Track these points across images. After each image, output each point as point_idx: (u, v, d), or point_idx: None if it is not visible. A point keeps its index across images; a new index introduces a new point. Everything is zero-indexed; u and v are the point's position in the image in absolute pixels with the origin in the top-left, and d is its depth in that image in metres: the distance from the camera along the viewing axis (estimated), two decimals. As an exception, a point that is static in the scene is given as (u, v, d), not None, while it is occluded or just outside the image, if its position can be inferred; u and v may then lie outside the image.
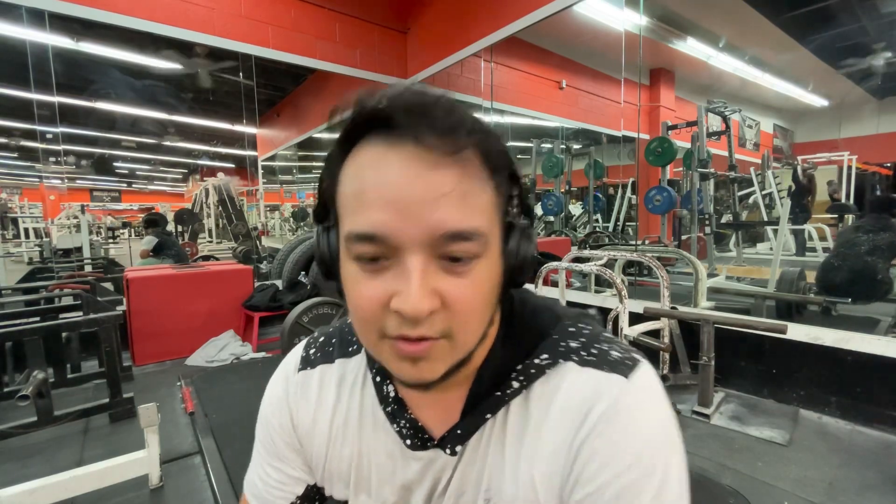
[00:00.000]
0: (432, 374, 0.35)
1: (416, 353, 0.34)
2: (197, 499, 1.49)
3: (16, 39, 2.88)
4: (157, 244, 4.03)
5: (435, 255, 0.33)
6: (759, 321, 1.98)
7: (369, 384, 0.48)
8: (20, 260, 7.10)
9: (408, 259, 0.33)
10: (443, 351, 0.35)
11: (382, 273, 0.34)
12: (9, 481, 1.60)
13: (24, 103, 3.65)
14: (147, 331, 2.86)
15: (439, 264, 0.33)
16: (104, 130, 8.07)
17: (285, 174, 9.36)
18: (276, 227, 10.51)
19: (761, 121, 6.23)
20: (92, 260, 4.77)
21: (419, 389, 0.38)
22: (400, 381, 0.40)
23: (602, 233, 5.61)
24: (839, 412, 1.95)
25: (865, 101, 5.42)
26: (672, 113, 6.03)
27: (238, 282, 3.23)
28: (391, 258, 0.33)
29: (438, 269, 0.33)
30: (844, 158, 5.30)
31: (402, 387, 0.44)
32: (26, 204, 8.53)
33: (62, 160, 3.73)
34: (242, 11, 3.57)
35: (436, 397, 0.42)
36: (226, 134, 8.43)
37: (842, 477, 1.53)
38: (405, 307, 0.32)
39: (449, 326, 0.34)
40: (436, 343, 0.34)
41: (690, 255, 2.87)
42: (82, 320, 2.07)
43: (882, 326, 2.43)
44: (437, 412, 0.43)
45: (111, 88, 5.70)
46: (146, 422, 1.18)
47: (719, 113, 4.39)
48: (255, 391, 2.47)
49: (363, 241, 0.33)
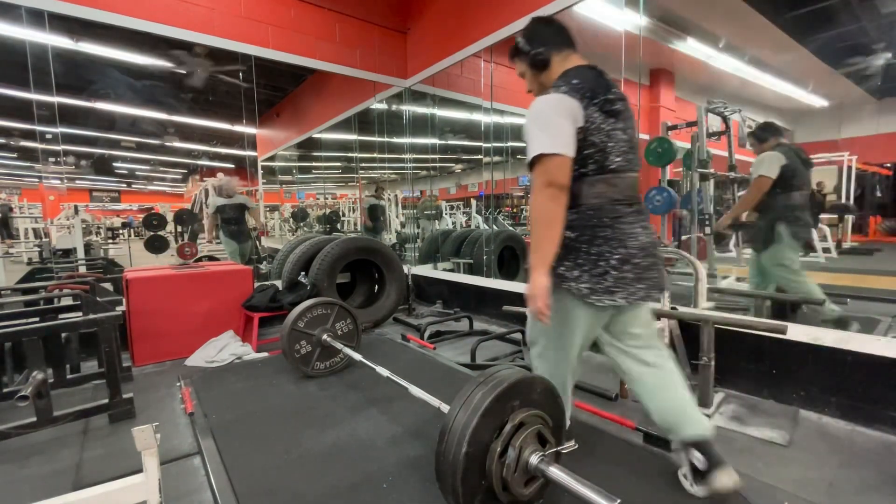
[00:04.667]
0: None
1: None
2: (196, 499, 1.49)
3: (15, 39, 2.87)
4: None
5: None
6: (759, 321, 1.98)
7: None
8: (19, 260, 7.10)
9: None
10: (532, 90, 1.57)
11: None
12: (8, 482, 1.60)
13: (23, 103, 3.65)
14: (147, 331, 2.85)
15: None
16: (104, 131, 8.07)
17: (285, 174, 9.36)
18: (275, 227, 10.51)
19: (761, 121, 6.22)
20: (87, 261, 4.77)
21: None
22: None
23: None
24: (839, 412, 1.94)
25: (865, 102, 5.42)
26: (672, 113, 6.03)
27: (238, 282, 3.22)
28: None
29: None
30: (844, 159, 5.30)
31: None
32: (26, 204, 8.53)
33: (62, 160, 3.73)
34: (242, 11, 3.57)
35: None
36: (225, 134, 8.43)
37: (842, 477, 1.53)
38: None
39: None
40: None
41: (690, 255, 2.86)
42: (82, 321, 2.06)
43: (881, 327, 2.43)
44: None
45: (111, 88, 5.69)
46: (142, 445, 1.12)
47: (719, 113, 4.39)
48: (255, 391, 2.50)
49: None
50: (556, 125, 1.26)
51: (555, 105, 1.29)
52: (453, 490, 1.12)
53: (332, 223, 8.98)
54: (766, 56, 5.60)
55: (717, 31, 5.25)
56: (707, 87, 6.27)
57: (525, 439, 1.18)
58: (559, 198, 1.26)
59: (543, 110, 1.29)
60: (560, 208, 1.27)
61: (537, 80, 1.50)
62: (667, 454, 1.67)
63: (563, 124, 1.26)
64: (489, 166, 4.63)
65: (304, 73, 5.86)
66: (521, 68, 1.53)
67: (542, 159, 1.25)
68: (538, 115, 1.29)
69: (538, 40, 1.46)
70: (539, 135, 1.26)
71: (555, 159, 1.24)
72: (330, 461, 1.67)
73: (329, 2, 4.05)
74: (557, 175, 1.25)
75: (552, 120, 1.27)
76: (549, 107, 1.29)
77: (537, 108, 1.30)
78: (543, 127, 1.27)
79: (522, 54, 1.50)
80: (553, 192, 1.25)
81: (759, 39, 5.31)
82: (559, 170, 1.25)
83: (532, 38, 1.48)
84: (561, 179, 1.25)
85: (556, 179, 1.25)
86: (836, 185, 5.48)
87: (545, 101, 1.31)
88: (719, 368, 2.15)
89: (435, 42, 4.26)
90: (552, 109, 1.28)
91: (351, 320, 2.69)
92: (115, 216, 13.98)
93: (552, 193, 1.25)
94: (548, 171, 1.25)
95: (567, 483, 1.10)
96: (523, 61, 1.51)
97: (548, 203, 1.25)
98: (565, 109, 1.27)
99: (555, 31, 1.49)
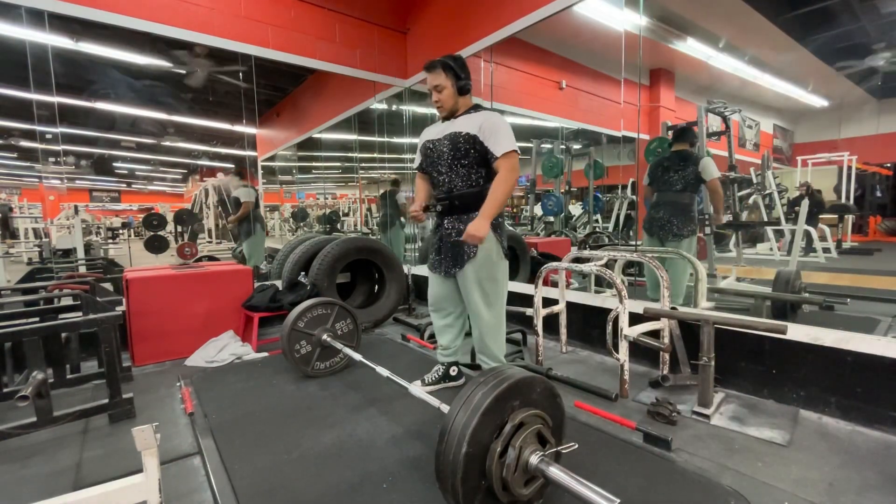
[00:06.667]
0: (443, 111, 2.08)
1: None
2: (196, 499, 1.49)
3: (15, 39, 2.87)
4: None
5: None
6: (759, 321, 1.98)
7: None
8: (19, 260, 7.09)
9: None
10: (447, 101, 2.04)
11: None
12: (8, 482, 1.60)
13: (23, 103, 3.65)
14: (147, 331, 2.85)
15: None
16: (103, 130, 8.06)
17: (285, 174, 9.35)
18: (275, 227, 10.51)
19: (761, 121, 6.23)
20: (87, 261, 4.77)
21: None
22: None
23: (602, 233, 5.60)
24: (839, 412, 1.94)
25: (865, 102, 5.42)
26: (672, 113, 6.03)
27: (238, 282, 3.22)
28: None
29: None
30: (844, 159, 5.30)
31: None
32: (26, 204, 8.53)
33: (62, 160, 3.72)
34: (242, 11, 3.57)
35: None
36: (225, 134, 8.42)
37: (842, 477, 1.53)
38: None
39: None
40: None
41: (690, 255, 2.87)
42: (82, 321, 2.06)
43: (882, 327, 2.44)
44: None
45: (111, 88, 5.69)
46: (142, 444, 1.12)
47: (719, 113, 4.39)
48: (255, 391, 2.49)
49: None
50: (514, 137, 1.95)
51: (507, 122, 1.98)
52: (453, 490, 1.12)
53: (332, 223, 8.98)
54: (766, 56, 5.60)
55: (717, 31, 5.25)
56: (707, 87, 6.26)
57: (525, 439, 1.18)
58: (516, 183, 1.97)
59: (505, 122, 1.97)
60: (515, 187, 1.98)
61: (455, 98, 2.04)
62: (667, 454, 1.67)
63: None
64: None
65: (304, 73, 5.86)
66: (446, 83, 2.00)
67: (514, 154, 1.92)
68: (505, 124, 1.95)
69: (468, 75, 2.04)
70: (510, 136, 1.94)
71: (518, 157, 1.93)
72: (330, 461, 1.67)
73: (329, 2, 4.05)
74: (518, 168, 1.94)
75: (510, 130, 1.95)
76: (506, 122, 1.97)
77: (502, 119, 1.97)
78: (509, 133, 1.94)
79: (457, 76, 2.01)
80: (517, 177, 1.93)
81: (759, 39, 5.30)
82: (518, 165, 1.95)
83: (463, 68, 2.02)
84: (519, 172, 1.97)
85: (519, 171, 1.95)
86: (835, 185, 5.48)
87: (502, 118, 1.98)
88: (719, 368, 2.15)
89: (435, 42, 4.26)
90: (508, 125, 1.97)
91: (351, 320, 2.69)
92: (115, 216, 13.98)
93: (517, 177, 1.93)
94: (517, 165, 1.93)
95: (567, 483, 1.10)
96: (452, 81, 2.01)
97: (514, 184, 1.93)
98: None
99: (468, 70, 2.06)
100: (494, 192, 1.89)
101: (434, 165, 2.11)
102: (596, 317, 2.92)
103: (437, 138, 2.09)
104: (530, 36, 3.74)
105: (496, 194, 1.89)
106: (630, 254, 2.64)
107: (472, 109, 2.05)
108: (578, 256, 2.81)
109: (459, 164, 2.00)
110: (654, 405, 1.98)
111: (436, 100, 2.03)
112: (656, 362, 2.50)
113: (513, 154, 1.90)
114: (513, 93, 5.16)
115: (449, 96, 2.02)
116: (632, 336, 2.19)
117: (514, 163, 1.90)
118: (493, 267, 2.03)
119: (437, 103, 2.05)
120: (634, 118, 3.10)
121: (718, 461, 1.64)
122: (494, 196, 1.89)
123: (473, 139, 1.95)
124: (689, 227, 3.27)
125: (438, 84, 1.99)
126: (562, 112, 5.96)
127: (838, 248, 5.30)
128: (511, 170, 1.90)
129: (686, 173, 3.23)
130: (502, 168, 1.91)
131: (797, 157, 5.76)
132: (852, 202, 5.57)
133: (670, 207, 3.30)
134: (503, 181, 1.89)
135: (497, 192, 1.89)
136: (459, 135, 1.98)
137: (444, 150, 2.03)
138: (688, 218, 3.28)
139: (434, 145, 2.10)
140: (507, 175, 1.89)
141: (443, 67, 1.98)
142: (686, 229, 3.26)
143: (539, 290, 2.69)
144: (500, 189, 1.89)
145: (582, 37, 4.70)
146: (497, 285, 2.07)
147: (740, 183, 4.59)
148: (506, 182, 1.89)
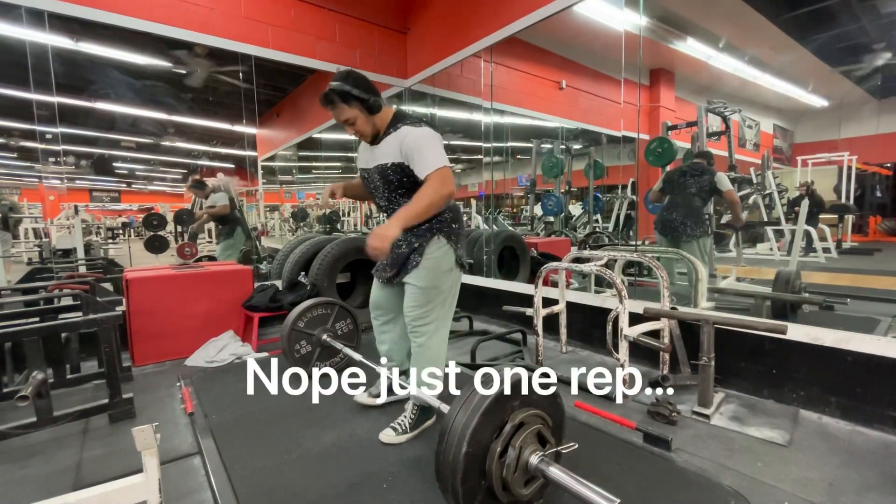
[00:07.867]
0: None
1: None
2: (196, 499, 1.49)
3: (15, 39, 2.87)
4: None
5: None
6: (759, 321, 1.98)
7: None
8: (19, 260, 7.09)
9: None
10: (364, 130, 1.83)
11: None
12: (8, 482, 1.60)
13: (23, 103, 3.65)
14: (147, 331, 2.85)
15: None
16: (103, 130, 8.05)
17: (285, 174, 9.35)
18: (275, 227, 10.50)
19: (761, 121, 6.23)
20: (87, 261, 4.76)
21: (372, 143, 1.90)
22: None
23: (602, 233, 5.60)
24: (839, 412, 1.95)
25: (865, 102, 5.42)
26: (672, 113, 6.03)
27: (238, 282, 3.22)
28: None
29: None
30: (844, 159, 5.30)
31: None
32: (26, 204, 8.53)
33: (62, 160, 3.72)
34: (242, 11, 3.57)
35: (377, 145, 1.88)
36: (225, 134, 8.42)
37: (842, 477, 1.53)
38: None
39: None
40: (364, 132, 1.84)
41: (704, 254, 2.87)
42: (82, 321, 2.06)
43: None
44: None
45: (111, 88, 5.68)
46: (142, 444, 1.12)
47: (719, 113, 4.39)
48: (255, 391, 2.48)
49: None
50: (443, 149, 1.74)
51: (438, 136, 1.77)
52: (453, 490, 1.12)
53: (332, 223, 8.97)
54: (766, 56, 5.60)
55: (717, 31, 5.25)
56: (707, 87, 6.26)
57: (525, 439, 1.18)
58: (449, 197, 1.71)
59: (434, 136, 1.76)
60: (444, 203, 1.74)
61: (370, 122, 1.81)
62: (667, 454, 1.67)
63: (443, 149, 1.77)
64: (489, 166, 4.63)
65: (304, 74, 5.86)
66: (353, 114, 1.76)
67: (445, 169, 1.70)
68: (435, 138, 1.75)
69: (371, 89, 1.78)
70: (435, 150, 1.71)
71: (449, 171, 1.72)
72: (330, 461, 1.67)
73: (329, 2, 4.05)
74: (451, 181, 1.71)
75: (441, 145, 1.74)
76: (435, 136, 1.76)
77: (430, 134, 1.75)
78: (432, 146, 1.71)
79: (359, 100, 1.75)
80: (449, 192, 1.70)
81: (759, 39, 5.30)
82: (450, 178, 1.71)
83: (364, 86, 1.76)
84: (452, 185, 1.72)
85: (451, 184, 1.71)
86: (835, 185, 5.48)
87: (431, 132, 1.76)
88: (719, 368, 2.15)
89: (435, 42, 4.26)
90: (438, 138, 1.76)
91: (351, 320, 2.69)
92: (116, 216, 13.98)
93: (450, 192, 1.70)
94: (447, 178, 1.70)
95: (567, 483, 1.10)
96: (359, 107, 1.76)
97: (444, 196, 1.68)
98: (440, 139, 1.78)
99: (370, 81, 1.81)
100: (415, 201, 1.66)
101: (374, 194, 1.95)
102: (596, 317, 2.92)
103: (369, 168, 1.91)
104: (530, 36, 3.74)
105: (416, 204, 1.65)
106: (630, 254, 2.64)
107: (391, 127, 1.80)
108: (578, 256, 2.81)
109: (396, 193, 1.85)
110: (654, 405, 1.98)
111: (352, 133, 1.82)
112: (656, 362, 2.50)
113: (441, 169, 1.68)
114: (513, 93, 5.16)
115: (364, 124, 1.79)
116: (632, 336, 2.20)
117: (442, 175, 1.68)
118: (440, 276, 1.83)
119: (356, 135, 1.85)
120: (634, 118, 3.10)
121: (718, 461, 1.64)
122: (413, 205, 1.65)
123: (401, 168, 1.77)
124: (702, 229, 3.49)
125: (347, 118, 1.77)
126: (562, 112, 5.96)
127: (838, 249, 5.29)
128: (440, 181, 1.67)
129: (702, 180, 3.49)
130: (430, 179, 1.68)
131: (797, 157, 5.76)
132: (852, 202, 5.57)
133: (683, 210, 3.50)
134: (426, 194, 1.66)
135: (418, 202, 1.65)
136: (386, 167, 1.80)
137: (378, 183, 1.87)
138: (700, 220, 3.49)
139: (369, 175, 1.92)
140: (434, 187, 1.66)
141: (342, 99, 1.73)
142: (699, 230, 3.47)
143: (539, 290, 2.69)
144: (421, 199, 1.65)
145: (582, 37, 4.70)
146: (440, 294, 1.85)
147: (740, 183, 4.59)
148: (429, 195, 1.65)
